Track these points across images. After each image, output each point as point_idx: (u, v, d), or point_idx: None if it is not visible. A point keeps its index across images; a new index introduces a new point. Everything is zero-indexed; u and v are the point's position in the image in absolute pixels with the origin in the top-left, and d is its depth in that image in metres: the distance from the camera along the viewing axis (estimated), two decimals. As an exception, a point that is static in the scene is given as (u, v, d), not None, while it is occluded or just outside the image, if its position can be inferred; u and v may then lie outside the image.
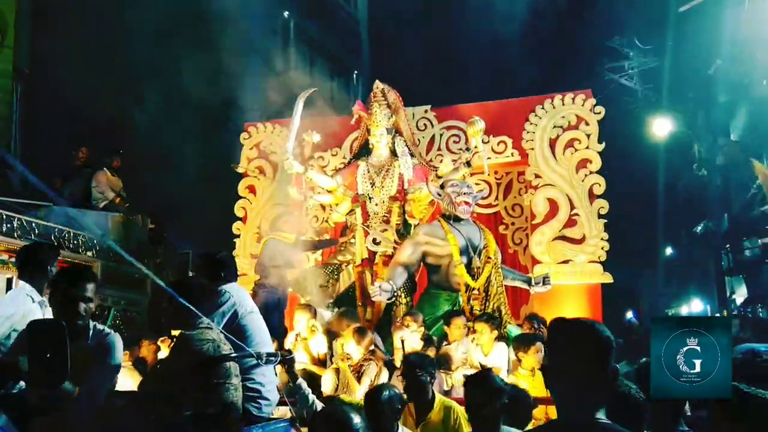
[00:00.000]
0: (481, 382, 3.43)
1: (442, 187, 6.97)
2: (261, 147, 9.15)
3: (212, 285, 3.81)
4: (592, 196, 7.97)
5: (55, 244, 7.58)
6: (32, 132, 11.92)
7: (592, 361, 1.91)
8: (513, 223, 8.60)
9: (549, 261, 7.92)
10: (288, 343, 6.17)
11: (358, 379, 5.46)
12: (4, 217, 8.76)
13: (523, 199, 8.32)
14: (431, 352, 5.71)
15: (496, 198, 8.68)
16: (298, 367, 5.99)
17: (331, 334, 6.13)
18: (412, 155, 7.60)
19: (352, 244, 7.45)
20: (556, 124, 8.18)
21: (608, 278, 7.80)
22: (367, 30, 18.39)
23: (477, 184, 8.61)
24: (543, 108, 8.24)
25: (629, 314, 16.24)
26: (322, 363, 6.06)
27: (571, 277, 7.83)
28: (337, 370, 5.61)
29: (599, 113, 8.09)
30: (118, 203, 8.69)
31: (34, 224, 9.25)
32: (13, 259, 8.58)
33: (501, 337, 6.17)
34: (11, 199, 9.86)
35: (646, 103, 17.11)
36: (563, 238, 7.97)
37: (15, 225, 8.81)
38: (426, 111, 8.72)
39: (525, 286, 7.24)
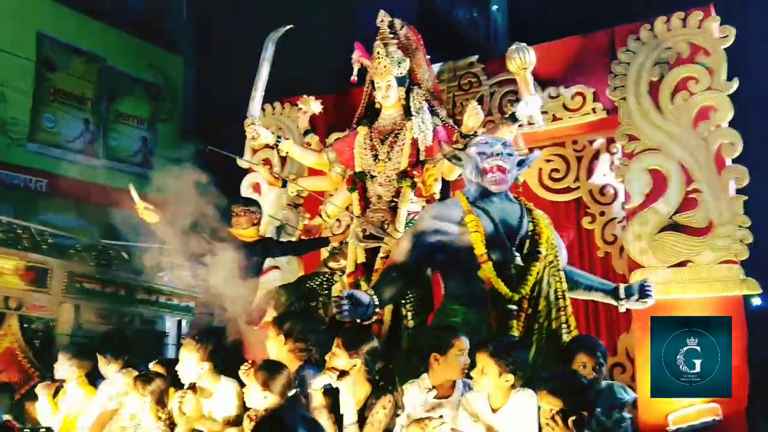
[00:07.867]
0: None
1: (465, 148, 4.53)
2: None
3: None
4: (720, 161, 5.08)
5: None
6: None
7: None
8: (602, 213, 5.79)
9: (655, 263, 5.07)
10: (174, 400, 3.92)
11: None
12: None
13: (616, 177, 5.60)
14: (384, 407, 3.24)
15: (576, 178, 5.93)
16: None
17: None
18: (434, 113, 5.23)
19: (348, 245, 5.16)
20: (659, 60, 5.41)
21: (755, 287, 4.83)
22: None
23: (548, 161, 6.02)
24: (638, 39, 5.52)
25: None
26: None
27: (692, 287, 4.94)
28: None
29: (726, 37, 5.26)
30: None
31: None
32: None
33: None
34: None
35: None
36: (676, 227, 5.11)
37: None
38: (471, 64, 6.25)
39: (609, 300, 4.57)
